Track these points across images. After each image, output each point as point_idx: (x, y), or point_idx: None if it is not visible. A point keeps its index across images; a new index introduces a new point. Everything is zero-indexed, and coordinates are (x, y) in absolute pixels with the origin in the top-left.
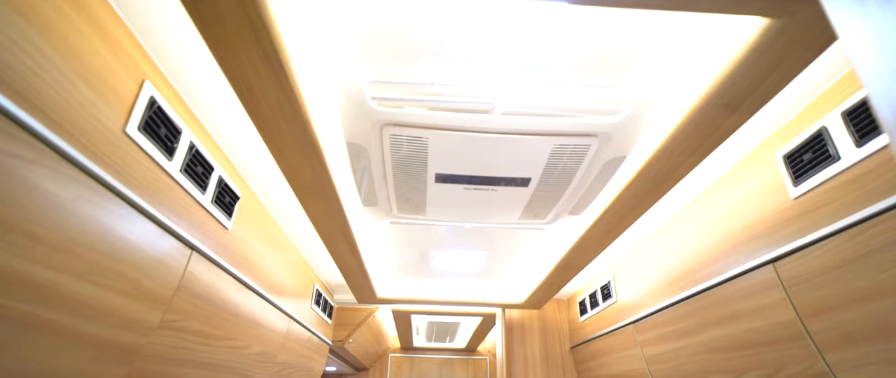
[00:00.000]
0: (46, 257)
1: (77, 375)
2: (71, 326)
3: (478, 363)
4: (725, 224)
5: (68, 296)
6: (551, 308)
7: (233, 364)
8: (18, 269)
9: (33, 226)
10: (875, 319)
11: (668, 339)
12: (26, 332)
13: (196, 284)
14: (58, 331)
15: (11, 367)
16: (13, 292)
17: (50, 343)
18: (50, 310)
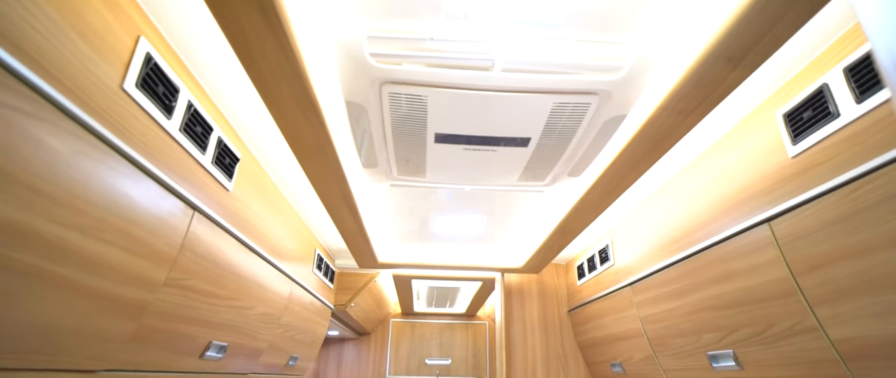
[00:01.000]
0: (50, 211)
1: (87, 329)
2: (78, 281)
3: (477, 328)
4: (723, 185)
5: (74, 251)
6: (550, 272)
7: (237, 323)
8: (23, 222)
9: (35, 179)
10: (865, 274)
11: (663, 300)
12: (34, 285)
13: (199, 245)
14: (66, 285)
15: (21, 319)
16: (19, 245)
17: (58, 296)
18: (57, 264)
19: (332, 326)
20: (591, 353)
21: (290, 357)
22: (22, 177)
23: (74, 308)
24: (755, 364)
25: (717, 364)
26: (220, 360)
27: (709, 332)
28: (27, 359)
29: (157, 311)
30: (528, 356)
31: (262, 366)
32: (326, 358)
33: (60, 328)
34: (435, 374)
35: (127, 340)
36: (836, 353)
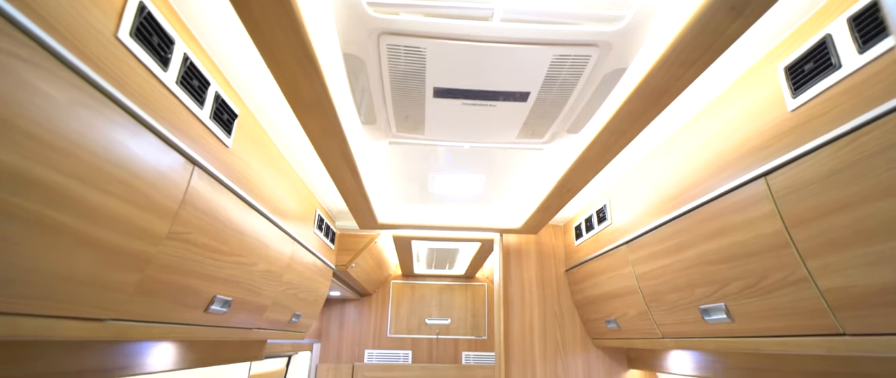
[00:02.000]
0: (51, 160)
1: (92, 278)
2: (82, 230)
3: (476, 289)
4: (721, 142)
5: (77, 200)
6: (548, 233)
7: (240, 279)
8: (24, 169)
9: (34, 126)
10: (857, 225)
11: (658, 257)
12: (39, 232)
13: (200, 200)
14: (70, 233)
15: (28, 265)
16: (22, 191)
17: (63, 244)
18: (60, 212)
19: (334, 287)
20: (587, 310)
21: (294, 314)
22: (21, 123)
23: (80, 257)
24: (745, 316)
25: (709, 317)
26: (225, 315)
27: (702, 287)
28: (37, 305)
29: (161, 263)
30: (526, 314)
31: (265, 322)
32: (329, 317)
33: (67, 276)
34: (435, 334)
35: (133, 291)
36: (825, 303)
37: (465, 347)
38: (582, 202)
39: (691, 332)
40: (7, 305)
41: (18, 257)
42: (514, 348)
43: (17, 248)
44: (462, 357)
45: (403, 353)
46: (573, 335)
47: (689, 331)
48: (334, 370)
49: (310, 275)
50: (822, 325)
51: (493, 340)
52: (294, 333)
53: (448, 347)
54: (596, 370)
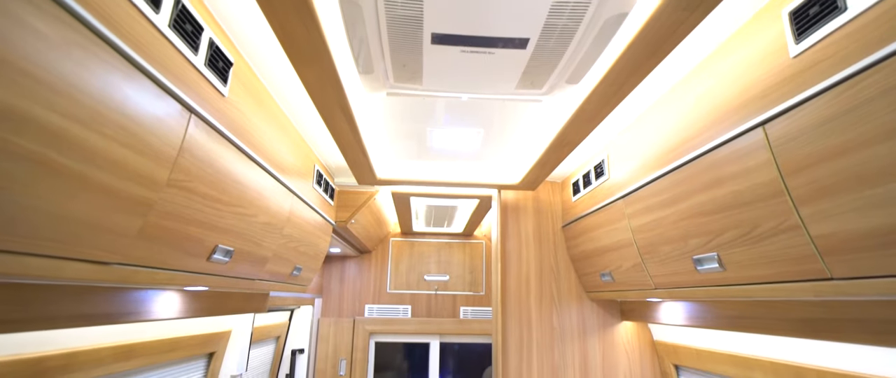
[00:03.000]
0: (48, 100)
1: (97, 221)
2: (83, 172)
3: (474, 246)
4: (720, 92)
5: (75, 142)
6: (545, 190)
7: (241, 230)
8: (22, 108)
9: (28, 65)
10: (851, 170)
11: (654, 210)
12: (40, 172)
13: (198, 148)
14: (70, 175)
15: (31, 204)
16: (21, 130)
17: (64, 186)
18: (59, 153)
19: (334, 243)
20: (583, 264)
21: (295, 268)
22: (15, 61)
23: (82, 199)
24: (737, 265)
25: (701, 267)
26: (227, 264)
27: (696, 237)
28: (43, 245)
29: (162, 210)
30: (523, 269)
31: (267, 273)
32: (330, 273)
33: (71, 218)
34: (433, 290)
35: (136, 236)
36: (815, 249)
37: (462, 302)
38: (580, 158)
39: (684, 282)
40: (13, 244)
41: (21, 196)
42: (511, 301)
43: (19, 188)
44: (460, 312)
45: (403, 308)
46: (568, 289)
47: (682, 281)
48: (336, 324)
49: (310, 229)
50: (811, 271)
51: (490, 296)
52: (295, 286)
53: (446, 302)
54: (590, 322)
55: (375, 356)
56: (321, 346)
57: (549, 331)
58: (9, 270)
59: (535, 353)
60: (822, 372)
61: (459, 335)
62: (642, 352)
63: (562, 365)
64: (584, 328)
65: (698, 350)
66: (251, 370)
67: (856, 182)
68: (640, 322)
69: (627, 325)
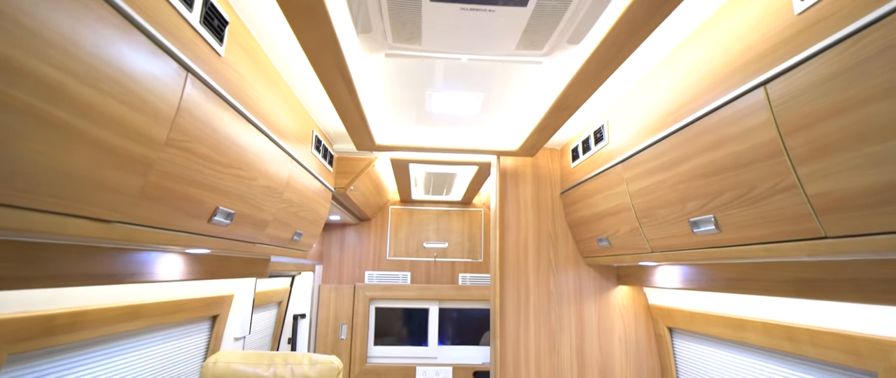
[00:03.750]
0: (42, 52)
1: (96, 178)
2: (81, 127)
3: (473, 214)
4: (722, 52)
5: (72, 96)
6: (544, 157)
7: (241, 193)
8: (17, 59)
9: (22, 15)
10: (849, 129)
11: (652, 173)
12: (38, 126)
13: (196, 108)
14: (69, 129)
15: (31, 159)
16: (17, 82)
17: (63, 140)
18: (58, 108)
19: (334, 211)
20: (580, 230)
21: (295, 232)
22: (8, 11)
23: (81, 156)
24: (733, 226)
25: (698, 229)
26: (228, 227)
27: (693, 200)
28: (45, 201)
29: (162, 170)
30: (521, 234)
31: (267, 237)
32: (330, 241)
33: (71, 174)
34: (432, 257)
35: (137, 195)
36: (810, 209)
37: (461, 269)
38: (579, 124)
39: (680, 244)
40: (16, 199)
41: (21, 150)
42: (509, 266)
43: (18, 141)
44: (459, 278)
45: (402, 274)
46: (565, 254)
47: (678, 244)
48: (336, 290)
49: (309, 194)
50: (806, 230)
51: (488, 263)
52: (296, 251)
53: (445, 269)
54: (586, 286)
55: (375, 321)
56: (322, 312)
57: (546, 295)
58: (12, 225)
59: (533, 316)
60: (813, 331)
61: (458, 301)
62: (637, 315)
63: (558, 328)
64: (580, 292)
65: (692, 313)
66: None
67: (854, 140)
68: (635, 286)
69: (623, 290)
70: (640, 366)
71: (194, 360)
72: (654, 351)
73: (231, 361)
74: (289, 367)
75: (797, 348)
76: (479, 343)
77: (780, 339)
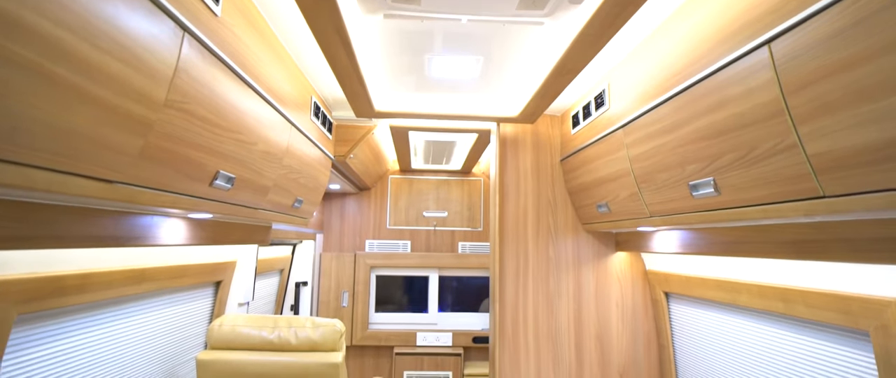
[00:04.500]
0: (36, 4)
1: (97, 136)
2: (80, 85)
3: (473, 183)
4: (727, 11)
5: (70, 52)
6: (544, 124)
7: (241, 157)
8: (12, 11)
9: None
10: (852, 85)
11: (653, 137)
12: (38, 81)
13: (194, 68)
14: (68, 86)
15: (31, 115)
16: (14, 36)
17: (62, 97)
18: (55, 63)
19: (334, 180)
20: (580, 196)
21: (296, 199)
22: None
23: (82, 114)
24: (731, 188)
25: (697, 192)
26: (230, 191)
27: (693, 163)
28: (46, 158)
29: (162, 131)
30: (520, 201)
31: (269, 203)
32: (330, 210)
33: (72, 131)
34: (432, 226)
35: (137, 155)
36: (810, 168)
37: (461, 238)
38: (580, 90)
39: (679, 208)
40: (17, 155)
41: (21, 105)
42: (508, 233)
43: (18, 96)
44: (458, 247)
45: (402, 243)
46: (564, 221)
47: (677, 207)
48: (337, 258)
49: (309, 161)
50: (804, 190)
51: (487, 232)
52: (297, 218)
53: (445, 238)
54: (585, 252)
55: (376, 289)
56: (324, 280)
57: (544, 261)
58: (14, 182)
59: (531, 282)
60: (806, 292)
61: (458, 269)
62: (634, 281)
63: (556, 293)
64: (578, 259)
65: (688, 277)
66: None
67: (856, 97)
68: (633, 252)
69: (621, 256)
70: (636, 329)
71: (200, 325)
72: (650, 315)
73: (236, 324)
74: (292, 330)
75: (790, 309)
76: (478, 310)
77: (774, 301)
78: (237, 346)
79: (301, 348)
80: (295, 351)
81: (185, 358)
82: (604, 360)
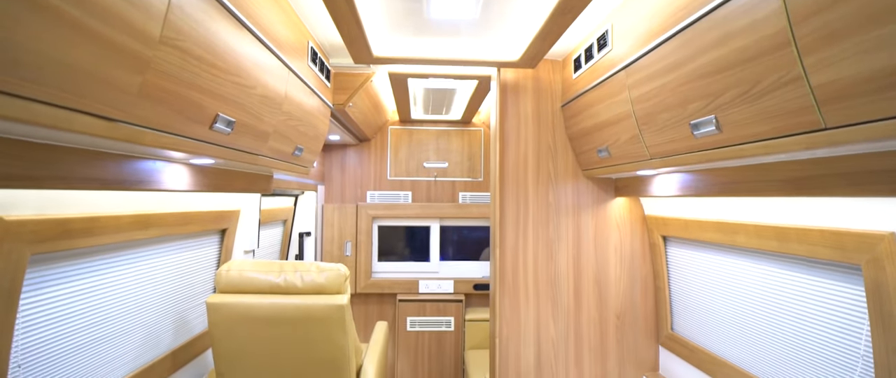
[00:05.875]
0: None
1: (97, 72)
2: (77, 18)
3: (473, 134)
4: None
5: None
6: (545, 69)
7: (241, 100)
8: None
9: None
10: (860, 11)
11: (655, 77)
12: (36, 13)
13: (187, 5)
14: (66, 20)
15: (33, 47)
16: None
17: (61, 31)
18: None
19: (334, 130)
20: (580, 142)
21: (296, 147)
22: None
23: (82, 48)
24: (733, 125)
25: (698, 131)
26: (230, 136)
27: (695, 101)
28: (49, 93)
29: (159, 69)
30: (520, 148)
31: (269, 150)
32: (330, 162)
33: (73, 66)
34: (433, 176)
35: (137, 93)
36: (813, 100)
37: (461, 188)
38: (582, 32)
39: (679, 149)
40: (20, 88)
41: (21, 37)
42: (509, 179)
43: (18, 27)
44: (459, 197)
45: (403, 194)
46: (564, 168)
47: (678, 148)
48: (339, 209)
49: (308, 109)
50: (806, 122)
51: (488, 182)
52: (298, 167)
53: (445, 189)
54: (584, 198)
55: (379, 240)
56: (327, 230)
57: (544, 207)
58: (19, 115)
59: (531, 228)
60: (801, 229)
61: (458, 219)
62: (633, 226)
63: (556, 238)
64: (578, 205)
65: (686, 221)
66: (262, 248)
67: (864, 23)
68: (632, 197)
69: (620, 202)
70: (634, 273)
71: (208, 271)
72: (648, 259)
73: (243, 269)
74: (298, 274)
75: (785, 247)
76: (479, 258)
77: (770, 240)
78: (245, 289)
79: (307, 291)
80: (301, 294)
81: (195, 302)
82: (601, 304)
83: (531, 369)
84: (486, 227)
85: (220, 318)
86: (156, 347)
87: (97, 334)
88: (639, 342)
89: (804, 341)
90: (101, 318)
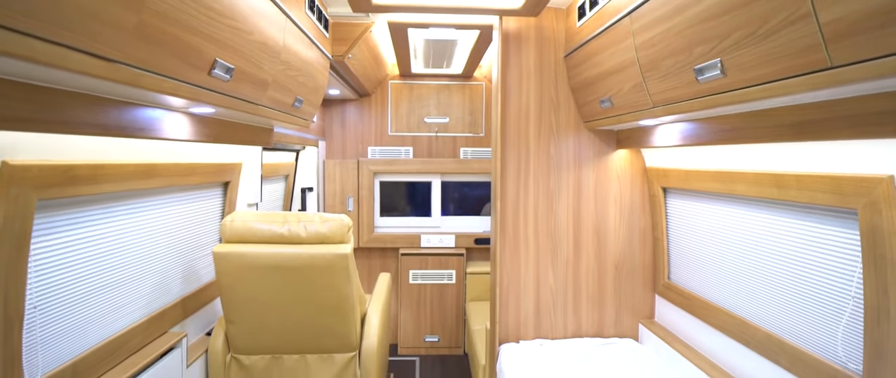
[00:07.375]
0: None
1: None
2: None
3: (474, 88)
4: None
5: None
6: (549, 17)
7: (239, 47)
8: None
9: None
10: None
11: (660, 22)
12: None
13: None
14: None
15: None
16: None
17: None
18: None
19: (334, 84)
20: (583, 94)
21: (296, 99)
22: None
23: None
24: (738, 68)
25: (702, 76)
26: (229, 83)
27: (700, 45)
28: (46, 29)
29: (155, 9)
30: (523, 100)
31: (268, 100)
32: (331, 117)
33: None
34: (434, 132)
35: (133, 33)
36: (821, 38)
37: (462, 144)
38: None
39: (683, 95)
40: (17, 22)
41: None
42: (510, 131)
43: None
44: (460, 152)
45: (404, 149)
46: (567, 120)
47: (681, 94)
48: (341, 165)
49: (307, 59)
50: (812, 62)
51: (489, 137)
52: (298, 119)
53: (447, 144)
54: (585, 151)
55: (380, 196)
56: (328, 185)
57: (545, 160)
58: (16, 50)
59: (532, 180)
60: (800, 176)
61: (460, 174)
62: (634, 177)
63: (556, 190)
64: (579, 157)
65: (686, 171)
66: (265, 202)
67: None
68: (634, 149)
69: (621, 154)
70: (633, 224)
71: (213, 222)
72: (647, 210)
73: (248, 219)
74: (302, 224)
75: (783, 194)
76: (480, 213)
77: (768, 187)
78: (250, 239)
79: (311, 241)
80: (305, 243)
81: (202, 253)
82: (600, 255)
83: (530, 316)
84: (487, 184)
85: (227, 267)
86: (166, 294)
87: (108, 279)
88: (636, 291)
89: (797, 285)
90: (112, 265)
